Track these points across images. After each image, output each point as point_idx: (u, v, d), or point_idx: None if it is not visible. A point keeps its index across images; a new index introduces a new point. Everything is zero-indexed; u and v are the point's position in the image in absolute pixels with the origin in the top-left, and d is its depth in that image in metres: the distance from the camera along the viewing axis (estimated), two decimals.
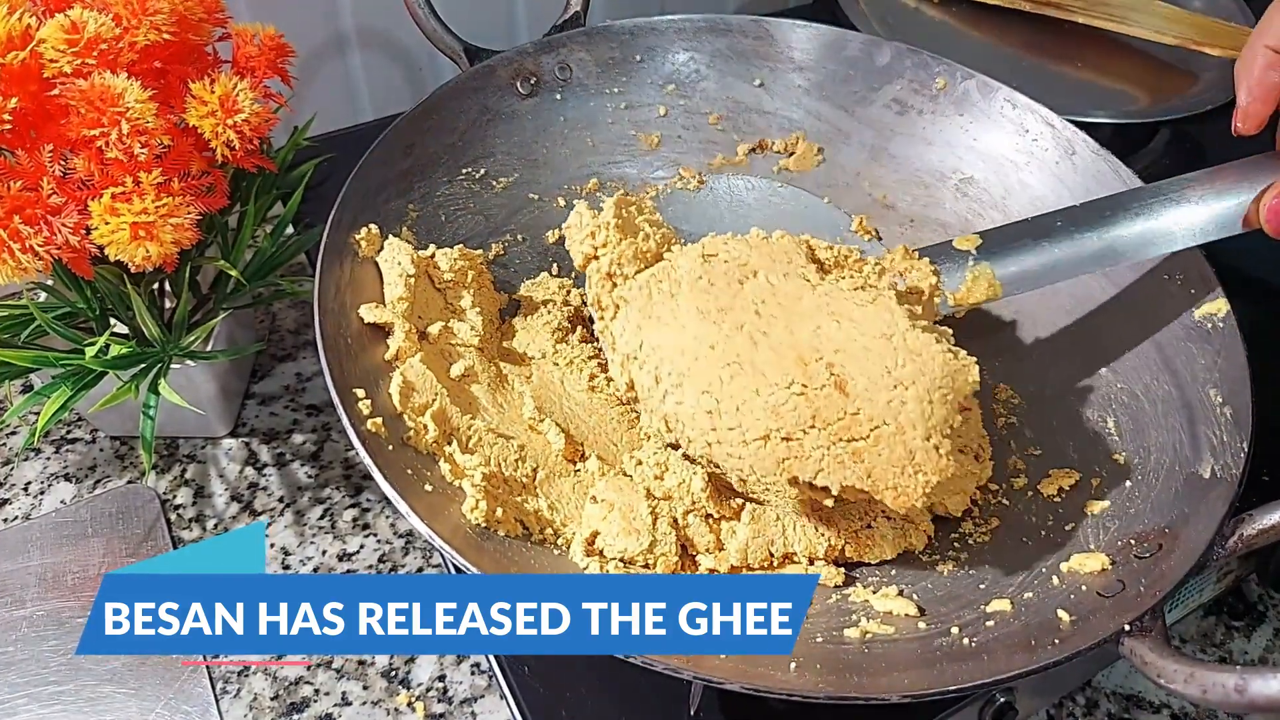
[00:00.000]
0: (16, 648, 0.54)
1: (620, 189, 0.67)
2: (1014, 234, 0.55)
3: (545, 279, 0.62)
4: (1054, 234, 0.54)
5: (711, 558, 0.49)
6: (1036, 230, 0.55)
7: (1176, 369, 0.52)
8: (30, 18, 0.45)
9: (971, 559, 0.50)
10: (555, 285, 0.61)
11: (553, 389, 0.55)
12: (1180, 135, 0.84)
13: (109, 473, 0.62)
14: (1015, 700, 0.52)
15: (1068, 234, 0.54)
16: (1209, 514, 0.44)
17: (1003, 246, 0.55)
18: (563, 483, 0.51)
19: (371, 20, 0.80)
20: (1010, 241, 0.55)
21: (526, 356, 0.57)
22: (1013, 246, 0.55)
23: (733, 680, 0.39)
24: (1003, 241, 0.55)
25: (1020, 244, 0.55)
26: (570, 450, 0.52)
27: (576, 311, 0.60)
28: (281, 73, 0.55)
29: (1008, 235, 0.56)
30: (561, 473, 0.51)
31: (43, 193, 0.46)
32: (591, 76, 0.66)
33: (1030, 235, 0.55)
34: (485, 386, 0.53)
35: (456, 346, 0.54)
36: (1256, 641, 0.58)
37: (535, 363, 0.56)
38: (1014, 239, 0.55)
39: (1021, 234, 0.55)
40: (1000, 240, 0.56)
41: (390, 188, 0.58)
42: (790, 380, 0.45)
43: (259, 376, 0.68)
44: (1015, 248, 0.55)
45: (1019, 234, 0.55)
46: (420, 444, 0.48)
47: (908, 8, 0.89)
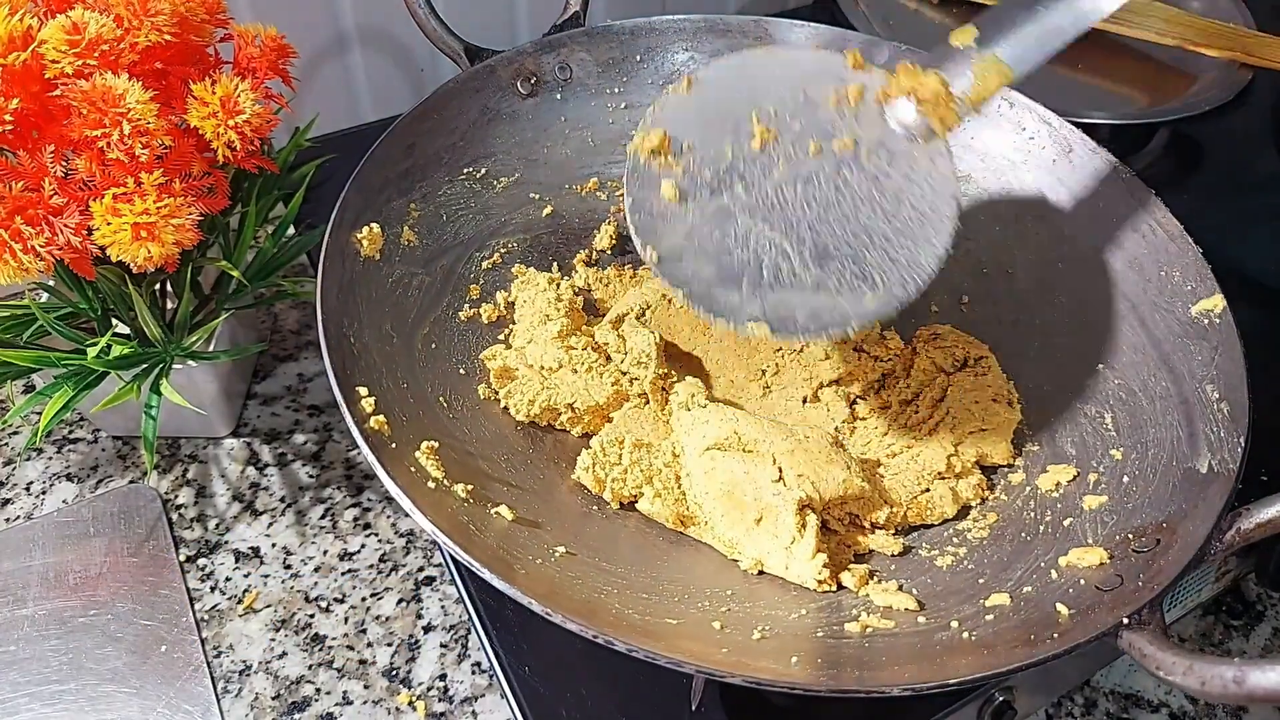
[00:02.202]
0: (19, 647, 0.54)
1: (620, 188, 0.67)
2: (1006, 11, 0.51)
3: (532, 274, 0.62)
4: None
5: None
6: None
7: (1174, 365, 0.52)
8: (32, 18, 0.45)
9: (970, 554, 0.50)
10: (544, 281, 0.61)
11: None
12: (1179, 136, 0.84)
13: (111, 473, 0.62)
14: (1014, 699, 0.52)
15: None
16: (1207, 509, 0.44)
17: (999, 27, 0.51)
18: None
19: (372, 21, 0.81)
20: (1005, 20, 0.51)
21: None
22: (1009, 24, 0.51)
23: (734, 674, 0.39)
24: (998, 22, 0.51)
25: (1015, 18, 0.51)
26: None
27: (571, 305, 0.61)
28: (283, 74, 0.55)
29: (1001, 14, 0.51)
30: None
31: (44, 193, 0.46)
32: (592, 76, 0.67)
33: (1022, 4, 0.51)
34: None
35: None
36: (1255, 640, 0.58)
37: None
38: (1007, 15, 0.51)
39: (1013, 7, 0.51)
40: (995, 21, 0.51)
41: (391, 187, 0.58)
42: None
43: (261, 377, 0.68)
44: (1012, 24, 0.51)
45: (1010, 9, 0.51)
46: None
47: (908, 9, 0.90)
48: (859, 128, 0.50)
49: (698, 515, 0.52)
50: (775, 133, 0.50)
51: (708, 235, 0.49)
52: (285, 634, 0.56)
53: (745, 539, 0.50)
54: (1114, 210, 0.58)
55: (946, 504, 0.53)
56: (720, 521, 0.51)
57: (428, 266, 0.59)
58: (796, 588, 0.49)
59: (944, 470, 0.54)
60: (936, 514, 0.53)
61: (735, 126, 0.50)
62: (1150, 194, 0.57)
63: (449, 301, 0.59)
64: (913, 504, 0.53)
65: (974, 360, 0.58)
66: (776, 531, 0.49)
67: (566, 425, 0.56)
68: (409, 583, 0.58)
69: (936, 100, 0.49)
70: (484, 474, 0.51)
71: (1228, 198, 0.79)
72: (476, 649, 0.55)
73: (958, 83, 0.49)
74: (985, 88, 0.49)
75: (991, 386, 0.56)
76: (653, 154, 0.50)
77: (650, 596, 0.46)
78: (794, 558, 0.49)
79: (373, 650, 0.55)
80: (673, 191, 0.49)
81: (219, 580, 0.58)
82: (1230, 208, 0.78)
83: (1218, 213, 0.76)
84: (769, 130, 0.50)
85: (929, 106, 0.49)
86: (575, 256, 0.65)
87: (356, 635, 0.56)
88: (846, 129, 0.50)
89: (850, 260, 0.48)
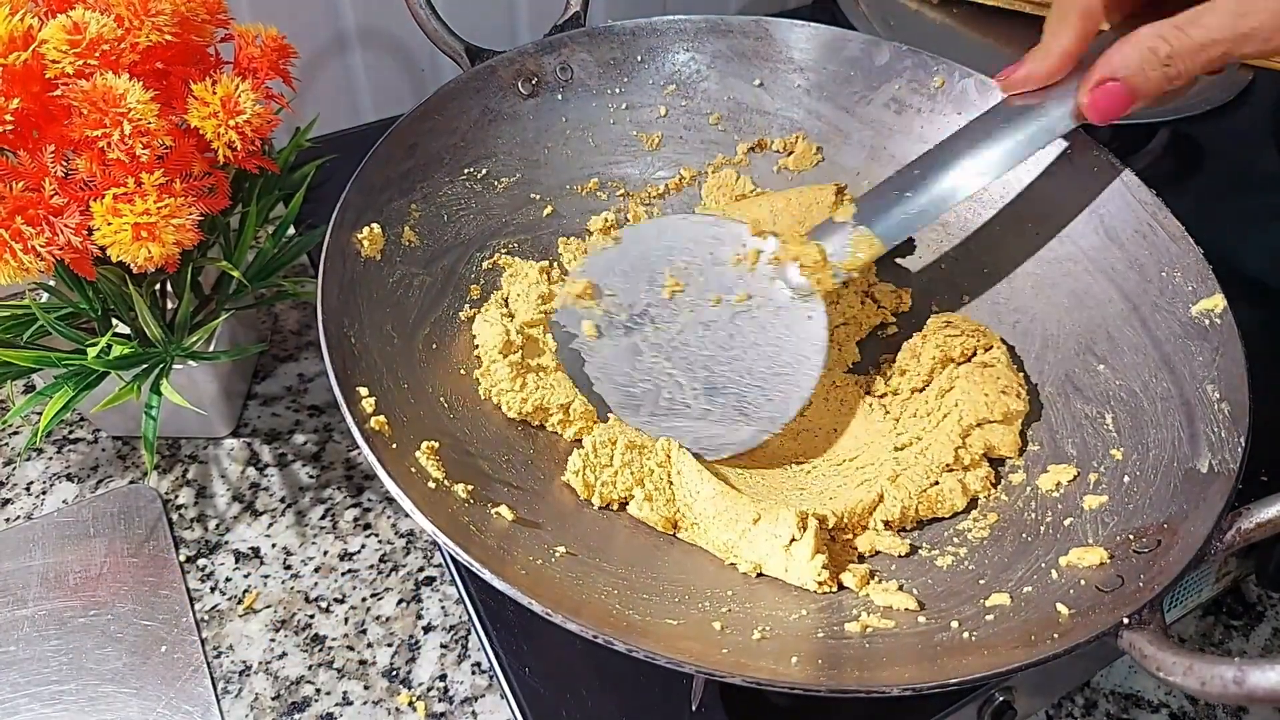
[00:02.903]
0: (18, 647, 0.54)
1: (621, 188, 0.67)
2: (883, 192, 0.58)
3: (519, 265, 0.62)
4: (915, 182, 0.57)
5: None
6: (902, 183, 0.57)
7: (1175, 365, 0.52)
8: (32, 18, 0.45)
9: (970, 554, 0.50)
10: (535, 271, 0.61)
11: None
12: (1179, 135, 0.84)
13: (111, 473, 0.62)
14: (1014, 699, 0.52)
15: (926, 178, 0.56)
16: (1207, 508, 0.44)
17: (875, 206, 0.57)
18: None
19: (373, 21, 0.81)
20: (880, 200, 0.58)
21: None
22: (883, 204, 0.57)
23: (734, 674, 0.39)
24: (874, 201, 0.58)
25: (888, 199, 0.57)
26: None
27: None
28: (283, 74, 0.55)
29: (878, 195, 0.58)
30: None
31: (45, 193, 0.46)
32: (593, 77, 0.67)
33: (897, 189, 0.57)
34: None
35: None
36: (1255, 641, 0.58)
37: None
38: (883, 196, 0.58)
39: (888, 189, 0.58)
40: (872, 201, 0.58)
41: (392, 188, 0.58)
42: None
43: (261, 377, 0.68)
44: (885, 204, 0.57)
45: (886, 190, 0.58)
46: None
47: (908, 9, 0.90)
48: (753, 284, 0.58)
49: (687, 517, 0.52)
50: (684, 284, 0.59)
51: (618, 367, 0.58)
52: (285, 634, 0.56)
53: (741, 541, 0.50)
54: (1114, 210, 0.58)
55: (956, 496, 0.53)
56: (713, 524, 0.51)
57: (428, 267, 0.59)
58: (797, 588, 0.49)
59: (952, 463, 0.54)
60: (946, 507, 0.53)
61: (650, 278, 0.59)
62: (1151, 194, 0.56)
63: (450, 302, 0.59)
64: (921, 497, 0.53)
65: (983, 350, 0.58)
66: (776, 531, 0.49)
67: (558, 428, 0.56)
68: (409, 583, 0.58)
69: (816, 266, 0.57)
70: (484, 474, 0.51)
71: (1228, 198, 0.79)
72: (476, 649, 0.55)
73: (836, 253, 0.57)
74: (857, 258, 0.57)
75: (1001, 378, 0.56)
76: (578, 298, 0.59)
77: (650, 597, 0.46)
78: (793, 559, 0.49)
79: (373, 650, 0.55)
80: (592, 330, 0.58)
81: (219, 580, 0.58)
82: (1230, 208, 0.78)
83: (1218, 213, 0.76)
84: (679, 283, 0.59)
85: (809, 271, 0.57)
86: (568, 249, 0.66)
87: (356, 635, 0.56)
88: (743, 285, 0.58)
89: (734, 396, 0.57)
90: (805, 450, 0.58)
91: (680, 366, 0.57)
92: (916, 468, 0.54)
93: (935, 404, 0.57)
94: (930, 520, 0.54)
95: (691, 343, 0.58)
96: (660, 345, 0.58)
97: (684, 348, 0.58)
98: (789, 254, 0.58)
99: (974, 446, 0.55)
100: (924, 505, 0.53)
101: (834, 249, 0.57)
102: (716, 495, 0.51)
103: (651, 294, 0.59)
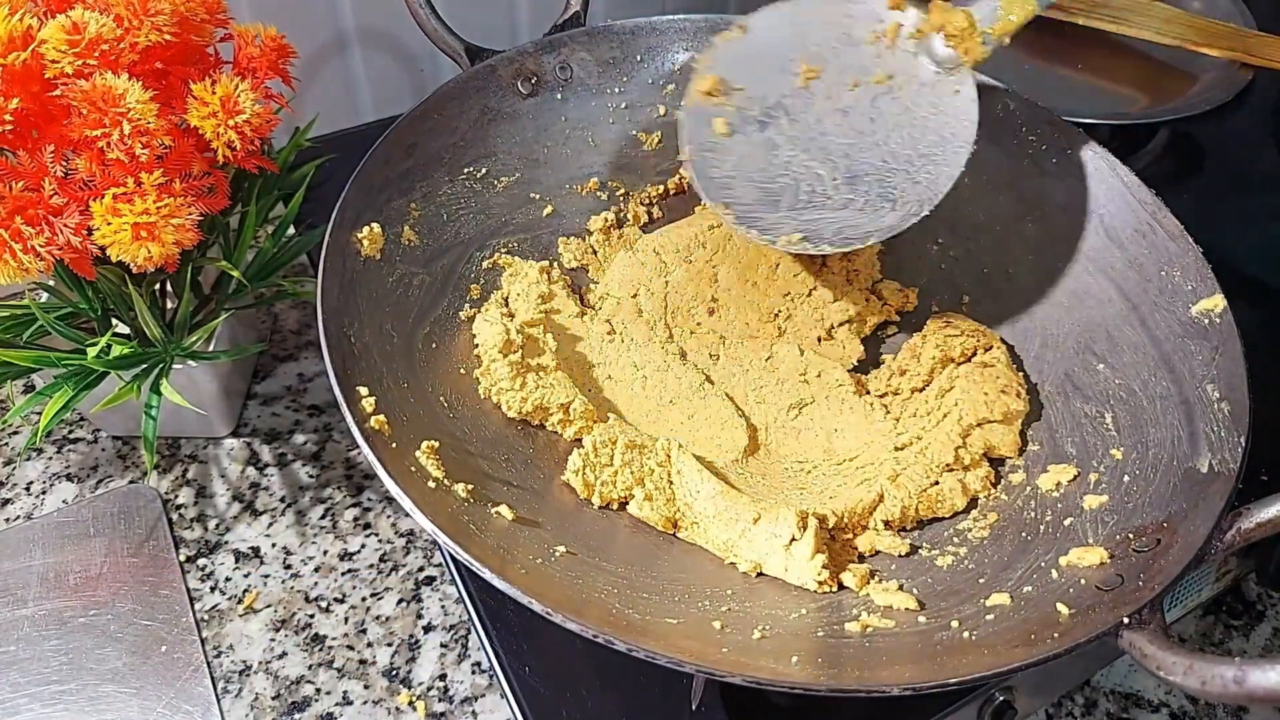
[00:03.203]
0: (18, 647, 0.54)
1: (621, 188, 0.67)
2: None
3: (519, 264, 0.63)
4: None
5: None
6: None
7: (1174, 365, 0.52)
8: (31, 18, 0.45)
9: (970, 554, 0.50)
10: (535, 271, 0.62)
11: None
12: (1179, 136, 0.84)
13: (111, 473, 0.62)
14: (1014, 699, 0.52)
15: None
16: (1207, 508, 0.44)
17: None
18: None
19: (372, 20, 0.81)
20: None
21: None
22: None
23: (734, 673, 0.39)
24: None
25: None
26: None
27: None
28: (283, 73, 0.55)
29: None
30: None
31: (44, 193, 0.46)
32: (592, 76, 0.67)
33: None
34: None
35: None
36: (1255, 641, 0.58)
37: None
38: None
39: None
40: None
41: (392, 187, 0.58)
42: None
43: (261, 377, 0.68)
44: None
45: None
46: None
47: None
48: (893, 63, 0.55)
49: (688, 516, 0.52)
50: (818, 70, 0.55)
51: (753, 164, 0.55)
52: (285, 634, 0.56)
53: (741, 540, 0.50)
54: (1114, 210, 0.58)
55: (956, 496, 0.53)
56: (713, 523, 0.51)
57: (428, 266, 0.59)
58: (797, 587, 0.49)
59: (952, 462, 0.54)
60: (947, 507, 0.53)
61: (781, 67, 0.56)
62: (1150, 194, 0.56)
63: (449, 301, 0.59)
64: (922, 497, 0.53)
65: (983, 350, 0.58)
66: (776, 531, 0.49)
67: (558, 428, 0.56)
68: (409, 583, 0.58)
69: (963, 34, 0.54)
70: (484, 473, 0.51)
71: (1228, 198, 0.79)
72: (476, 649, 0.55)
73: (985, 17, 0.53)
74: (1010, 20, 0.53)
75: (1001, 378, 0.56)
76: (706, 95, 0.55)
77: (650, 596, 0.46)
78: (793, 558, 0.49)
79: (373, 650, 0.55)
80: (724, 127, 0.55)
81: (219, 580, 0.58)
82: (1230, 208, 0.78)
83: (1218, 213, 0.76)
84: (812, 69, 0.56)
85: (956, 40, 0.54)
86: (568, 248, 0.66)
87: (356, 635, 0.56)
88: (882, 65, 0.55)
89: (876, 182, 0.54)
90: (805, 450, 0.58)
91: (819, 158, 0.55)
92: (916, 467, 0.54)
93: (935, 404, 0.57)
94: (930, 520, 0.54)
95: (830, 131, 0.55)
96: (797, 138, 0.55)
97: (822, 138, 0.55)
98: (932, 24, 0.55)
99: (974, 446, 0.55)
100: (924, 505, 0.53)
101: (982, 13, 0.54)
102: (716, 494, 0.51)
103: (784, 84, 0.56)
